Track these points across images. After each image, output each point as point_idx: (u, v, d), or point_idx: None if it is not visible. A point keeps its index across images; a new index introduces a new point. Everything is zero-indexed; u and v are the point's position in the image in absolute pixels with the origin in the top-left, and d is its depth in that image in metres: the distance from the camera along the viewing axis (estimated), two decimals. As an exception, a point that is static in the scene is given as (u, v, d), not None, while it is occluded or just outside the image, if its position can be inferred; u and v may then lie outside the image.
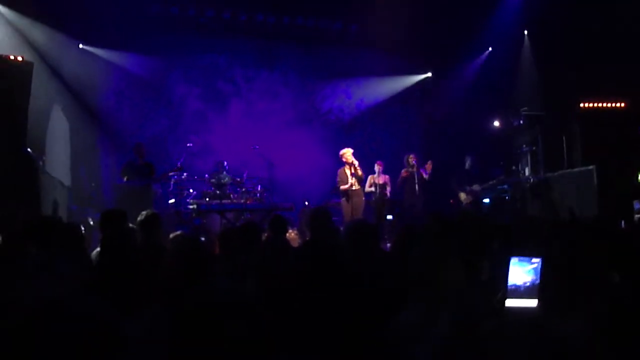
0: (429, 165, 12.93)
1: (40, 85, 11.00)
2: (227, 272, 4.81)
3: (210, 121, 15.26)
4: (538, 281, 3.22)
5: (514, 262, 3.23)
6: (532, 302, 3.21)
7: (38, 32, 12.28)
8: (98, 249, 5.41)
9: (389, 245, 9.81)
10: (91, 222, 11.08)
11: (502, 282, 3.22)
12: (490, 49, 15.30)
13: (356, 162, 12.12)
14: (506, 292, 3.19)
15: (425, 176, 12.92)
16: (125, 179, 11.48)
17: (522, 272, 3.23)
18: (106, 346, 1.88)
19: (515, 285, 3.22)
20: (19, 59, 9.81)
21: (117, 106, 14.53)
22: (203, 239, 8.75)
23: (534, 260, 3.24)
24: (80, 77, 13.46)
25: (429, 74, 17.03)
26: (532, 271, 3.23)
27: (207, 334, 3.21)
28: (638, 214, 9.32)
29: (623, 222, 7.74)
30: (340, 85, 16.75)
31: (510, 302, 3.20)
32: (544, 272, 3.19)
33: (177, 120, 15.07)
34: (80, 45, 13.65)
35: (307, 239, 8.12)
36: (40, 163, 10.19)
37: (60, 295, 1.96)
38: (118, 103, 14.55)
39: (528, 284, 3.23)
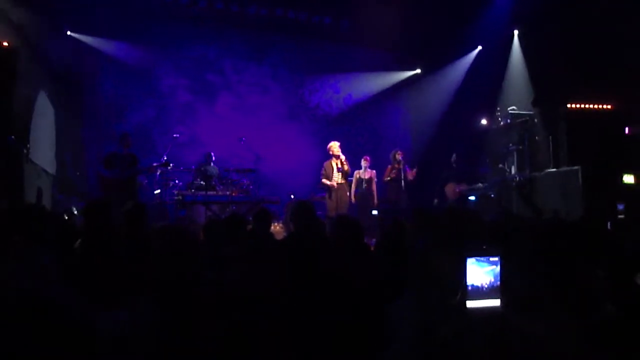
0: (414, 172, 13.00)
1: (26, 72, 10.90)
2: (212, 263, 4.81)
3: (198, 112, 15.21)
4: (499, 281, 3.19)
5: (471, 262, 3.19)
6: (495, 302, 3.19)
7: (25, 18, 12.14)
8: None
9: (373, 240, 9.81)
10: (75, 212, 11.03)
11: (460, 283, 3.18)
12: (479, 47, 15.32)
13: (343, 157, 12.13)
14: (466, 293, 3.16)
15: (410, 177, 12.96)
16: (106, 168, 11.43)
17: (481, 272, 3.19)
18: (78, 339, 1.88)
19: (475, 286, 3.18)
20: (5, 44, 9.73)
21: (103, 95, 14.43)
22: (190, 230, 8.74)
23: (492, 259, 3.21)
24: (67, 65, 13.37)
25: (418, 71, 17.11)
26: (492, 271, 3.20)
27: (194, 324, 3.23)
28: (621, 215, 9.40)
29: (609, 224, 7.80)
30: (328, 80, 16.77)
31: (472, 304, 3.17)
32: (505, 271, 3.17)
33: (164, 110, 14.99)
34: (68, 32, 13.54)
35: (292, 231, 8.13)
36: (25, 151, 10.13)
37: (38, 286, 1.96)
38: (105, 92, 14.45)
39: (489, 284, 3.19)
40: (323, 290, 3.81)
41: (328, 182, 12.12)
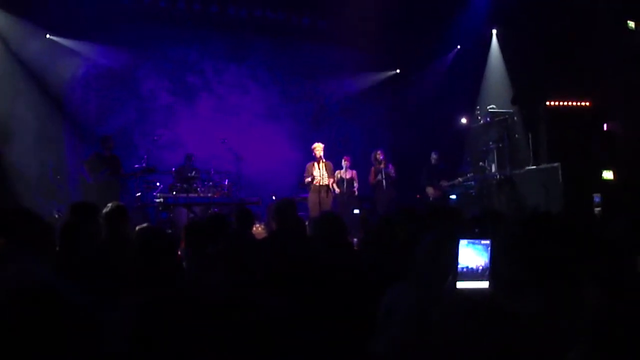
0: (392, 168, 13.11)
1: (5, 74, 10.85)
2: (194, 263, 4.80)
3: (179, 114, 15.12)
4: (489, 263, 3.21)
5: (463, 244, 3.22)
6: (484, 284, 3.22)
7: (3, 21, 12.06)
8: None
9: (355, 240, 9.82)
10: (56, 216, 10.95)
11: (452, 265, 3.21)
12: (458, 46, 15.40)
13: (323, 160, 12.25)
14: (457, 275, 3.19)
15: (391, 174, 13.04)
16: (89, 172, 11.39)
17: (473, 254, 3.22)
18: (79, 331, 1.88)
19: (466, 267, 3.20)
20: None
21: (84, 97, 14.25)
22: (169, 232, 8.72)
23: (484, 242, 3.23)
24: (47, 67, 13.23)
25: (397, 71, 17.13)
26: (483, 253, 3.23)
27: (175, 323, 3.21)
28: (598, 207, 9.50)
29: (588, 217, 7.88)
30: (309, 80, 16.76)
31: (461, 285, 3.20)
32: (494, 254, 3.19)
33: (145, 112, 14.87)
34: (48, 35, 13.39)
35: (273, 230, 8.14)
36: (4, 154, 10.06)
37: (29, 286, 1.94)
38: (85, 94, 14.27)
39: (479, 266, 3.22)
40: (307, 286, 3.81)
41: (309, 179, 12.20)
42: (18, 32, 12.32)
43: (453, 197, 13.25)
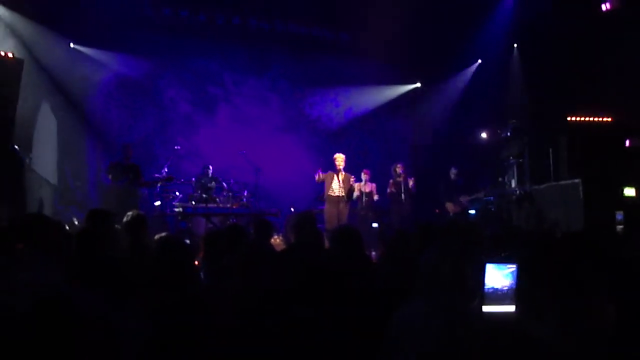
0: (412, 181, 13.04)
1: (30, 83, 10.96)
2: (211, 273, 4.81)
3: (199, 125, 15.20)
4: (515, 286, 3.19)
5: (490, 267, 3.20)
6: (510, 308, 3.19)
7: (29, 30, 12.18)
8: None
9: (373, 253, 9.80)
10: (76, 222, 11.02)
11: (478, 288, 3.19)
12: (479, 60, 15.38)
13: (342, 172, 12.22)
14: (483, 298, 3.17)
15: (411, 187, 12.99)
16: (110, 176, 11.47)
17: (499, 277, 3.20)
18: (93, 338, 1.89)
19: (492, 289, 3.19)
20: (10, 55, 9.78)
21: (105, 106, 14.40)
22: (188, 241, 8.73)
23: (510, 265, 3.22)
24: (70, 76, 13.36)
25: (418, 84, 17.11)
26: (510, 276, 3.21)
27: (191, 332, 3.22)
28: (620, 225, 9.37)
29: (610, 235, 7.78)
30: (329, 93, 16.78)
31: (487, 308, 3.18)
32: (520, 278, 3.17)
33: (165, 122, 14.98)
34: (71, 45, 13.55)
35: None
36: (27, 160, 10.15)
37: (49, 291, 1.96)
38: (107, 103, 14.42)
39: (505, 289, 3.20)
40: (324, 299, 3.80)
41: (316, 176, 12.16)
42: (42, 41, 12.43)
43: (472, 212, 13.18)
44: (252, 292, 3.64)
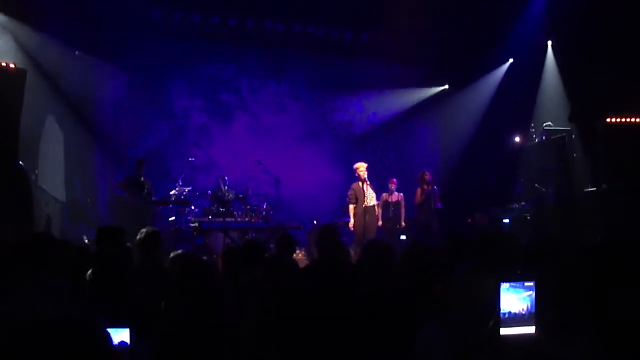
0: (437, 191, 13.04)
1: (34, 94, 11.01)
2: (232, 292, 4.82)
3: (214, 134, 15.25)
4: (534, 307, 3.16)
5: (505, 287, 3.17)
6: (529, 329, 3.16)
7: (32, 38, 12.25)
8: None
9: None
10: (86, 240, 11.07)
11: (493, 310, 3.16)
12: (511, 59, 15.27)
13: (367, 181, 12.18)
14: (499, 320, 3.14)
15: (437, 197, 12.97)
16: (125, 191, 11.57)
17: (515, 298, 3.17)
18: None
19: (509, 312, 3.15)
20: (12, 65, 9.86)
21: (114, 117, 14.44)
22: (205, 259, 8.77)
23: (527, 284, 3.18)
24: (76, 86, 13.34)
25: (446, 86, 17.05)
26: (527, 297, 3.17)
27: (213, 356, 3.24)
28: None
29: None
30: (351, 97, 16.80)
31: (505, 331, 3.14)
32: (540, 297, 3.14)
33: (178, 132, 15.03)
34: (77, 52, 13.57)
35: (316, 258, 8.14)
36: (33, 177, 10.23)
37: (56, 311, 1.97)
38: (116, 114, 14.47)
39: (524, 310, 3.16)
40: (352, 319, 3.79)
41: (351, 215, 12.14)
42: (46, 50, 12.47)
43: (506, 221, 13.10)
44: (275, 314, 3.64)
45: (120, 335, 3.02)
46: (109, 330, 2.03)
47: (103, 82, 14.16)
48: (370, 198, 12.15)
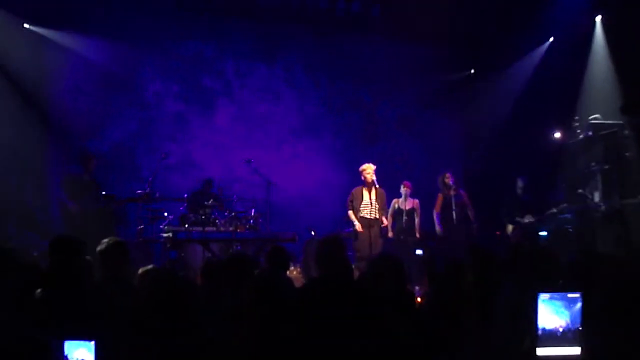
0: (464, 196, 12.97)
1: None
2: (212, 315, 4.76)
3: (192, 126, 15.20)
4: (579, 324, 3.12)
5: (543, 299, 3.13)
6: (574, 350, 3.12)
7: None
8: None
9: (417, 288, 9.74)
10: (35, 253, 10.97)
11: (529, 326, 3.13)
12: (551, 39, 15.20)
13: (375, 186, 12.10)
14: (536, 338, 3.10)
15: (463, 204, 12.90)
16: (67, 194, 11.44)
17: (555, 312, 3.14)
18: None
19: (547, 329, 3.12)
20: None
21: (73, 104, 14.29)
22: (181, 275, 8.71)
23: (571, 295, 3.14)
24: (26, 67, 13.30)
25: (472, 71, 17.02)
26: (571, 311, 3.14)
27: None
28: None
29: None
30: (358, 84, 16.75)
31: (543, 351, 3.10)
32: (587, 312, 3.10)
33: (149, 124, 14.99)
34: (26, 25, 13.45)
35: (314, 276, 8.08)
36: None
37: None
38: (74, 100, 14.32)
39: (566, 327, 3.14)
40: (358, 349, 3.74)
41: (353, 219, 12.07)
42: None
43: (543, 233, 13.04)
44: (264, 342, 3.58)
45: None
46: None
47: (59, 62, 14.03)
48: (375, 208, 12.04)
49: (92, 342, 3.13)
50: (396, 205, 12.86)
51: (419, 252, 12.75)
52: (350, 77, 16.58)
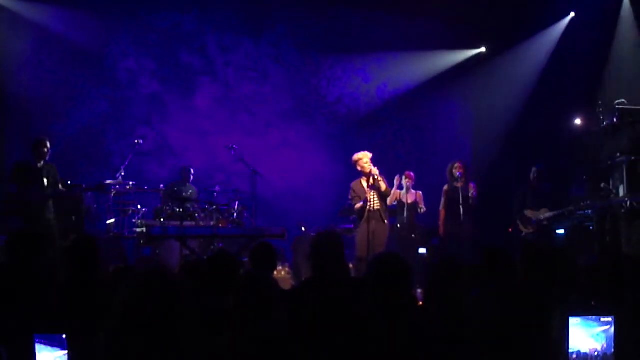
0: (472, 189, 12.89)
1: None
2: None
3: (170, 109, 15.19)
4: (612, 349, 3.14)
5: (575, 322, 3.15)
6: None
7: None
8: None
9: (419, 291, 9.75)
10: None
11: (561, 350, 3.14)
12: (572, 13, 15.19)
13: (376, 171, 12.00)
14: None
15: (473, 194, 12.85)
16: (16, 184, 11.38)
17: (587, 335, 3.16)
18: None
19: (580, 353, 3.14)
20: None
21: (35, 82, 14.30)
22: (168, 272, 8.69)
23: (604, 319, 3.16)
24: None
25: (483, 49, 16.98)
26: (603, 335, 3.16)
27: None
28: None
29: None
30: (355, 63, 16.72)
31: None
32: (620, 336, 3.11)
33: (122, 105, 14.98)
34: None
35: (306, 277, 8.07)
36: None
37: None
38: (36, 78, 14.33)
39: (598, 352, 3.16)
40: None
41: (360, 203, 11.92)
42: None
43: (561, 231, 13.05)
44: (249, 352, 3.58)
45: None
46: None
47: (17, 34, 13.98)
48: (374, 200, 11.98)
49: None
50: (397, 198, 12.81)
51: (422, 251, 12.76)
52: (346, 54, 16.53)
